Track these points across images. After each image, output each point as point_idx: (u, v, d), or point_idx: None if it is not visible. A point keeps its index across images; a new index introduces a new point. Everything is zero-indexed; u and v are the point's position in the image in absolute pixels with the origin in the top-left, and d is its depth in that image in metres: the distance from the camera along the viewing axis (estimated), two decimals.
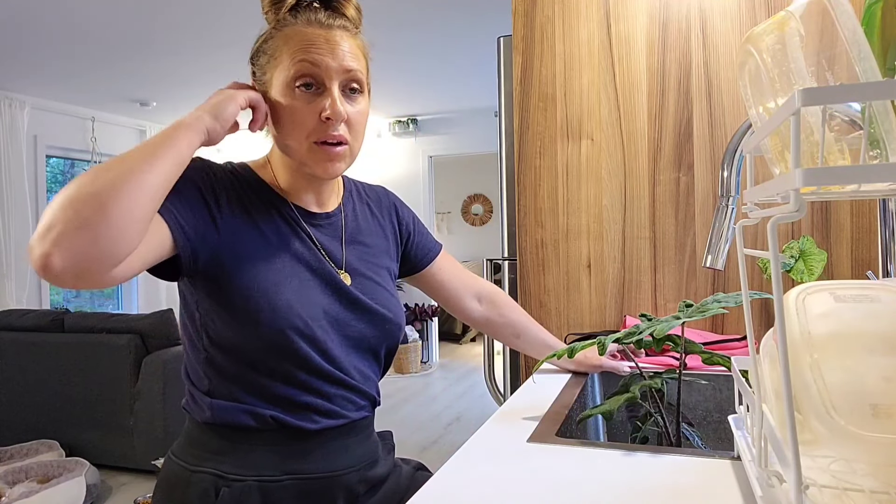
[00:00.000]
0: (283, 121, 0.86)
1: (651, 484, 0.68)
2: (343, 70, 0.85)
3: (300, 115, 0.84)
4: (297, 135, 0.85)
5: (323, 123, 0.84)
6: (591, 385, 1.24)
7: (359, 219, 1.02)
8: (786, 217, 0.42)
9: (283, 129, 0.86)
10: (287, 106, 0.84)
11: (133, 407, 3.39)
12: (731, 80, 1.53)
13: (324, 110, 0.83)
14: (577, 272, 1.64)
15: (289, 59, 0.84)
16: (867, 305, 0.51)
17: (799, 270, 1.36)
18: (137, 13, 3.36)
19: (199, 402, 0.89)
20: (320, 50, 0.84)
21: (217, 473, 0.85)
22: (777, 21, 0.50)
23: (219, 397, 0.87)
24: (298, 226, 0.92)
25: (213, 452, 0.87)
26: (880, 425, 0.45)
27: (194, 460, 0.87)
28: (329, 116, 0.83)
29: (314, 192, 0.95)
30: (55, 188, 5.51)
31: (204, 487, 0.84)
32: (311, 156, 0.86)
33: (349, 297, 0.93)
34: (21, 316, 3.70)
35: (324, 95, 0.84)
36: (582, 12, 1.63)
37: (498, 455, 0.79)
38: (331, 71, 0.84)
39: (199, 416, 0.88)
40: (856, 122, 0.47)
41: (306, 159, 0.87)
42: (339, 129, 0.85)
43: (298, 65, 0.83)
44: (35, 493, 2.80)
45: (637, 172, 1.60)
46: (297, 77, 0.83)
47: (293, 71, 0.83)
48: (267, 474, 0.86)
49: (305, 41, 0.84)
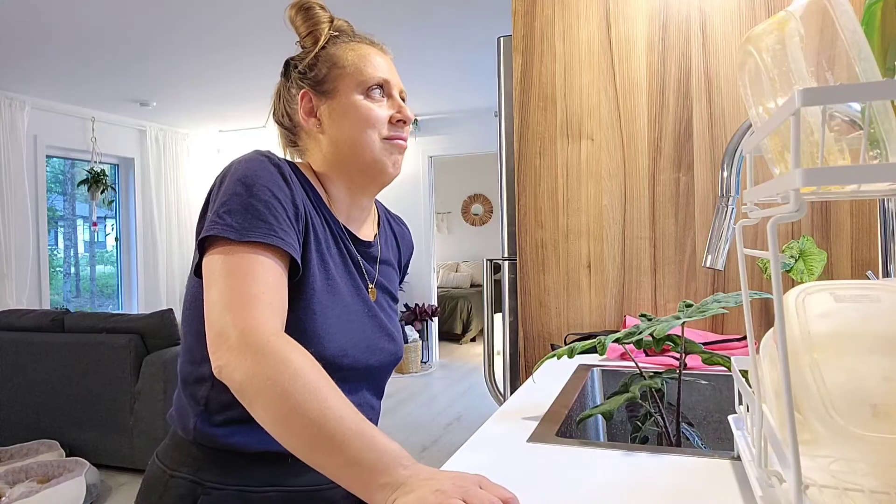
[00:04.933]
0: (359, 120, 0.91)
1: (651, 484, 0.68)
2: (399, 87, 0.96)
3: (374, 115, 0.91)
4: (371, 132, 0.91)
5: (394, 126, 0.93)
6: (591, 385, 1.24)
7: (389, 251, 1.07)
8: (786, 217, 0.42)
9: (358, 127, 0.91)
10: (361, 107, 0.91)
11: (133, 407, 3.39)
12: (731, 80, 1.53)
13: (397, 113, 0.93)
14: (577, 272, 1.64)
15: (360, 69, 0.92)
16: (867, 305, 0.52)
17: (799, 270, 1.36)
18: (138, 13, 3.36)
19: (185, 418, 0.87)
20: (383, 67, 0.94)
21: (195, 480, 0.83)
22: (777, 21, 0.50)
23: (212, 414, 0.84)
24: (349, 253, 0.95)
25: (193, 458, 0.85)
26: (880, 425, 0.45)
27: (174, 464, 0.86)
28: (402, 119, 0.93)
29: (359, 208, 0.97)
30: (55, 188, 5.51)
31: (181, 493, 0.83)
32: (384, 150, 0.92)
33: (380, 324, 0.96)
34: (21, 316, 3.70)
35: (390, 101, 0.94)
36: (582, 12, 1.63)
37: (498, 455, 0.79)
38: (393, 85, 0.95)
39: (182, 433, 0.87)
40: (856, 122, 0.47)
41: (379, 154, 0.92)
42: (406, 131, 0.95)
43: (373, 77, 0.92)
44: (35, 493, 2.80)
45: (637, 172, 1.60)
46: (371, 86, 0.92)
47: (368, 81, 0.92)
48: (249, 484, 0.84)
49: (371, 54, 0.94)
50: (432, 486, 0.58)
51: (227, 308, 0.71)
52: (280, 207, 0.80)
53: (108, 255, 5.98)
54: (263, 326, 0.70)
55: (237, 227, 0.76)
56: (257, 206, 0.78)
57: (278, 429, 0.66)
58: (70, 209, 5.68)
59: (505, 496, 0.57)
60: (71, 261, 5.69)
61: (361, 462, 0.62)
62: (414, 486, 0.59)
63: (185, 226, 6.37)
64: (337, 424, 0.63)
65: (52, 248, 5.42)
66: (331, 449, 0.63)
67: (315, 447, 0.64)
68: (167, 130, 6.19)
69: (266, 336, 0.69)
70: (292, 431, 0.65)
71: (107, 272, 5.98)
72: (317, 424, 0.64)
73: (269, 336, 0.69)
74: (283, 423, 0.65)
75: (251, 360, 0.67)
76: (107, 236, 5.95)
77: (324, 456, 0.64)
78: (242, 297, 0.72)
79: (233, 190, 0.79)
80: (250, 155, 0.84)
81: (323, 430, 0.63)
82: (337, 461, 0.63)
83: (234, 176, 0.80)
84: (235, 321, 0.70)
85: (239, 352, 0.68)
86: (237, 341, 0.69)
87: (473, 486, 0.58)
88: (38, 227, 4.96)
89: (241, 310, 0.71)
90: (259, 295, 0.72)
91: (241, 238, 0.75)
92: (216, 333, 0.71)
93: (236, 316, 0.70)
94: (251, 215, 0.77)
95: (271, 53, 4.03)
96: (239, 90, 4.94)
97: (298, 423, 0.64)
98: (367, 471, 0.61)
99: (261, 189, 0.79)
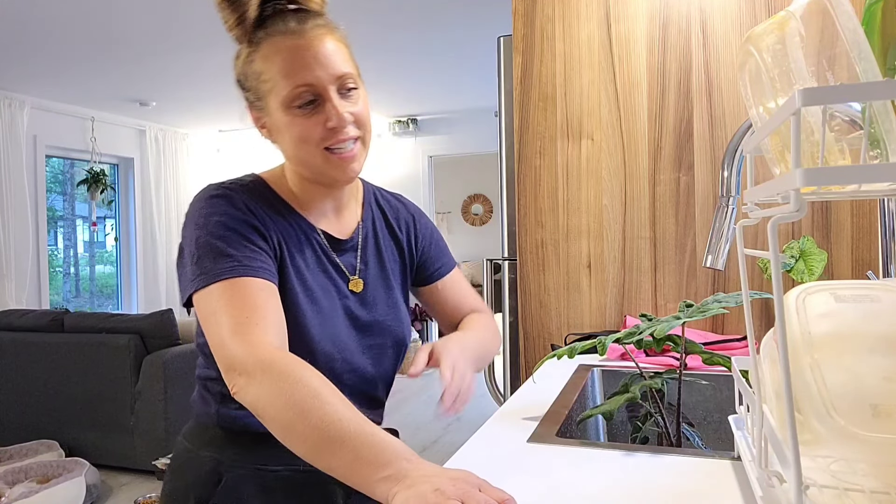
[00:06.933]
0: (292, 139, 0.86)
1: (651, 484, 0.68)
2: (336, 77, 0.84)
3: (307, 131, 0.84)
4: (308, 148, 0.85)
5: (330, 131, 0.85)
6: (592, 385, 1.24)
7: (378, 233, 1.03)
8: (786, 217, 0.42)
9: (294, 145, 0.86)
10: (291, 124, 0.85)
11: (133, 407, 3.39)
12: (731, 80, 1.53)
13: (328, 120, 0.84)
14: (577, 272, 1.64)
15: (280, 81, 0.83)
16: (867, 305, 0.51)
17: (799, 270, 1.36)
18: (138, 13, 3.36)
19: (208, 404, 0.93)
20: (307, 64, 0.83)
21: (218, 458, 0.89)
22: (777, 21, 0.50)
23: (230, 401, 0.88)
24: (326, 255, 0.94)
25: (216, 439, 0.91)
26: (880, 425, 0.45)
27: (199, 444, 0.92)
28: (334, 126, 0.84)
29: (333, 199, 0.96)
30: (55, 188, 5.51)
31: (206, 470, 0.89)
32: (328, 163, 0.86)
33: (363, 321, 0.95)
34: (21, 316, 3.70)
35: (324, 105, 0.84)
36: (582, 12, 1.63)
37: (498, 455, 0.79)
38: (324, 82, 0.83)
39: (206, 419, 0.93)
40: (856, 122, 0.47)
41: (323, 168, 0.87)
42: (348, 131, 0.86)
43: (292, 89, 0.83)
44: (35, 493, 2.80)
45: (637, 172, 1.60)
46: (293, 99, 0.83)
47: (288, 94, 0.83)
48: (266, 464, 0.88)
49: (290, 58, 0.83)
50: (434, 483, 0.58)
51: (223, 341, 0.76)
52: (237, 237, 0.83)
53: (107, 255, 5.98)
54: (260, 347, 0.75)
55: (207, 272, 0.80)
56: (216, 244, 0.81)
57: (288, 438, 0.70)
58: (70, 209, 5.68)
59: (503, 498, 0.58)
60: (70, 261, 5.69)
61: (362, 459, 0.64)
62: (415, 481, 0.60)
63: None
64: (337, 427, 0.66)
65: (52, 248, 5.42)
66: (333, 450, 0.66)
67: (320, 451, 0.67)
68: (167, 130, 6.19)
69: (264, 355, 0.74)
70: (298, 438, 0.69)
71: (106, 272, 5.98)
72: (319, 429, 0.67)
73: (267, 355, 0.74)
74: (289, 432, 0.69)
75: (257, 381, 0.72)
76: (106, 236, 5.95)
77: (329, 458, 0.67)
78: (234, 326, 0.76)
79: (192, 236, 0.84)
80: (200, 194, 0.87)
81: (325, 434, 0.67)
82: (341, 461, 0.66)
83: (189, 221, 0.85)
84: (234, 350, 0.75)
85: (245, 376, 0.73)
86: (241, 367, 0.74)
87: (473, 488, 0.58)
88: (37, 227, 4.96)
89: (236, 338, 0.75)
90: (247, 320, 0.77)
91: (212, 280, 0.79)
92: (225, 368, 0.76)
93: (233, 345, 0.75)
94: (212, 257, 0.81)
95: None
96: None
97: (302, 430, 0.68)
98: (367, 466, 0.64)
99: (215, 226, 0.83)
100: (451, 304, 1.11)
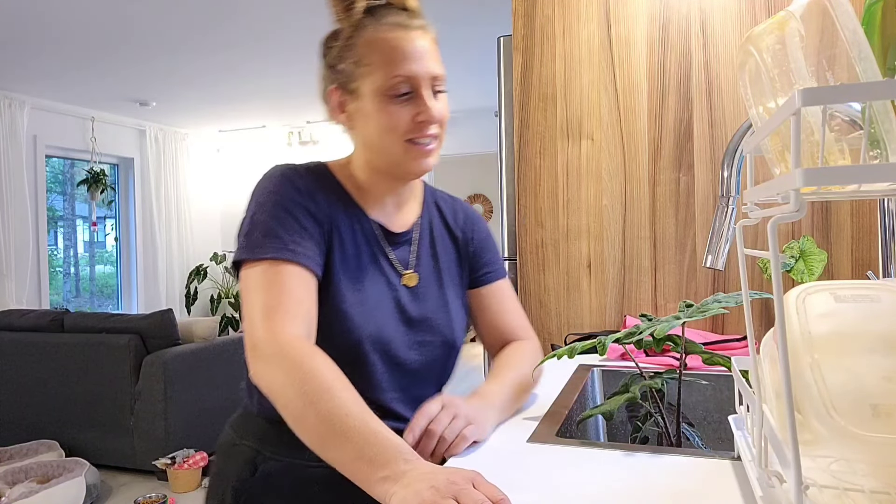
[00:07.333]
0: (379, 126, 0.89)
1: (651, 484, 0.68)
2: (431, 76, 0.90)
3: (395, 120, 0.88)
4: (392, 137, 0.89)
5: (417, 125, 0.89)
6: (591, 385, 1.24)
7: (434, 232, 1.03)
8: (786, 217, 0.42)
9: (378, 131, 0.89)
10: (382, 111, 0.88)
11: (133, 407, 3.39)
12: (731, 80, 1.53)
13: (419, 114, 0.88)
14: (577, 272, 1.64)
15: (380, 69, 0.87)
16: (867, 305, 0.51)
17: (799, 270, 1.36)
18: (138, 13, 3.36)
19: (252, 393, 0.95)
20: (410, 57, 0.87)
21: (257, 449, 0.92)
22: (777, 21, 0.50)
23: None
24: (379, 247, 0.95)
25: (257, 429, 0.93)
26: (880, 425, 0.45)
27: (241, 433, 0.95)
28: (424, 119, 0.89)
29: (395, 194, 0.97)
30: (55, 188, 5.51)
31: (245, 459, 0.92)
32: (406, 154, 0.90)
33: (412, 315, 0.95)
34: (21, 316, 3.70)
35: (416, 99, 0.89)
36: (582, 12, 1.63)
37: (498, 455, 0.79)
38: (421, 80, 0.88)
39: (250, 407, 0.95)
40: (856, 122, 0.47)
41: (401, 158, 0.90)
42: (432, 128, 0.90)
43: (393, 79, 0.87)
44: (35, 493, 2.80)
45: (637, 172, 1.60)
46: (390, 88, 0.87)
47: (386, 82, 0.87)
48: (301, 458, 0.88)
49: (394, 49, 0.87)
50: (429, 481, 0.59)
51: (252, 322, 0.79)
52: (291, 220, 0.85)
53: (107, 255, 5.98)
54: (282, 335, 0.76)
55: (252, 247, 0.83)
56: (269, 222, 0.84)
57: (297, 427, 0.71)
58: (70, 209, 5.68)
59: (497, 496, 0.58)
60: (70, 261, 5.69)
61: (364, 456, 0.65)
62: (412, 480, 0.61)
63: (185, 226, 6.37)
64: (342, 421, 0.68)
65: (52, 248, 5.42)
66: (337, 445, 0.67)
67: (325, 442, 0.69)
68: (167, 130, 6.19)
69: (284, 343, 0.75)
70: (305, 428, 0.70)
71: (106, 272, 5.98)
72: (325, 422, 0.68)
73: (286, 343, 0.75)
74: (299, 421, 0.71)
75: (272, 367, 0.74)
76: (106, 236, 5.95)
77: (333, 451, 0.68)
78: (264, 309, 0.78)
79: (250, 211, 0.88)
80: (269, 172, 0.91)
81: (330, 427, 0.68)
82: (344, 456, 0.67)
83: (253, 197, 0.89)
84: (259, 333, 0.77)
85: (263, 361, 0.75)
86: (261, 351, 0.76)
87: (467, 484, 0.59)
88: (37, 227, 4.96)
89: (263, 322, 0.77)
90: (278, 306, 0.79)
91: (256, 256, 0.82)
92: (249, 348, 0.78)
93: (259, 328, 0.77)
94: (263, 233, 0.84)
95: (271, 54, 4.03)
96: (239, 90, 4.94)
97: (310, 421, 0.70)
98: (368, 464, 0.64)
99: (272, 206, 0.86)
100: (491, 314, 1.08)
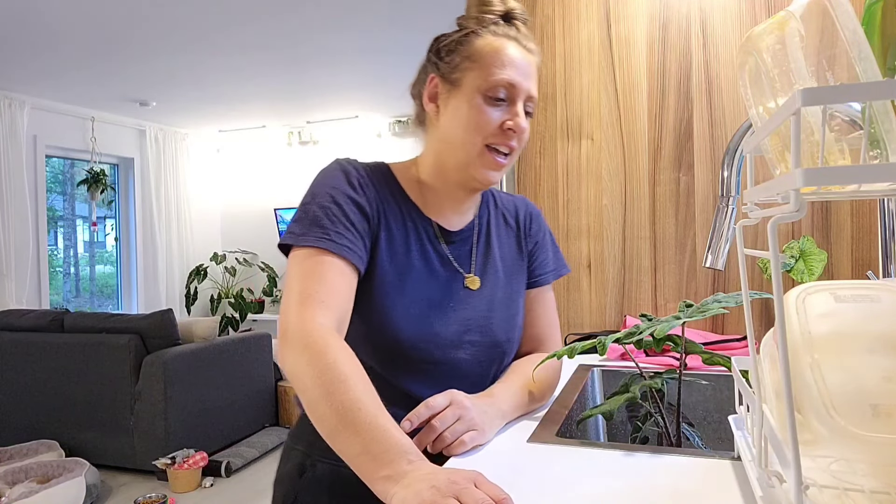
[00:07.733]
0: (468, 120, 0.90)
1: (651, 484, 0.68)
2: (528, 94, 0.92)
3: (485, 119, 0.89)
4: (475, 137, 0.90)
5: (502, 133, 0.90)
6: (591, 385, 1.24)
7: (492, 230, 1.03)
8: (786, 217, 0.42)
9: (464, 126, 0.90)
10: (474, 108, 0.89)
11: (133, 407, 3.39)
12: (731, 80, 1.53)
13: (508, 120, 0.90)
14: (577, 272, 1.64)
15: (487, 69, 0.89)
16: (867, 305, 0.51)
17: (799, 270, 1.36)
18: (138, 14, 3.36)
19: None
20: (518, 68, 0.90)
21: (307, 452, 0.94)
22: (777, 21, 0.50)
23: None
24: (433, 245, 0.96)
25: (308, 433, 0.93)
26: (880, 425, 0.45)
27: (295, 437, 0.98)
28: (512, 128, 0.90)
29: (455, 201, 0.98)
30: (55, 188, 5.51)
31: (295, 463, 0.95)
32: (480, 158, 0.91)
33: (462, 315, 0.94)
34: (21, 316, 3.70)
35: (509, 107, 0.91)
36: (582, 12, 1.63)
37: (498, 455, 0.79)
38: (520, 91, 0.90)
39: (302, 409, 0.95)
40: (856, 122, 0.47)
41: (474, 160, 0.91)
42: (513, 140, 0.91)
43: (499, 80, 0.89)
44: (35, 493, 2.80)
45: (637, 172, 1.60)
46: (491, 89, 0.89)
47: (490, 83, 0.89)
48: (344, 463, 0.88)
49: (507, 56, 0.90)
50: (429, 481, 0.59)
51: (287, 307, 0.80)
52: (338, 211, 0.87)
53: (107, 255, 5.98)
54: (311, 323, 0.77)
55: (297, 234, 0.85)
56: (316, 212, 0.86)
57: (310, 414, 0.73)
58: (70, 209, 5.68)
59: (499, 496, 0.58)
60: (70, 261, 5.69)
61: (370, 452, 0.66)
62: (413, 481, 0.61)
63: (185, 225, 6.37)
64: (353, 415, 0.69)
65: (52, 248, 5.42)
66: (345, 436, 0.69)
67: (335, 434, 0.70)
68: (167, 130, 6.18)
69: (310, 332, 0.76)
70: (318, 417, 0.71)
71: (106, 272, 5.98)
72: (337, 414, 0.69)
73: (313, 332, 0.76)
74: (312, 409, 0.72)
75: (296, 354, 0.75)
76: (106, 236, 5.94)
77: (341, 443, 0.69)
78: (299, 296, 0.80)
79: (303, 200, 0.90)
80: (328, 164, 0.93)
81: (341, 419, 0.69)
82: (350, 449, 0.68)
83: (310, 188, 0.91)
84: (290, 319, 0.79)
85: (289, 346, 0.77)
86: (289, 337, 0.77)
87: (468, 483, 0.59)
88: (37, 227, 4.96)
89: (296, 308, 0.79)
90: (314, 294, 0.80)
91: (299, 243, 0.84)
92: (280, 332, 0.80)
93: (291, 314, 0.79)
94: (309, 221, 0.86)
95: (271, 54, 4.03)
96: (238, 90, 4.94)
97: (323, 410, 0.71)
98: (373, 461, 0.65)
99: (323, 196, 0.88)
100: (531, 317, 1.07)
